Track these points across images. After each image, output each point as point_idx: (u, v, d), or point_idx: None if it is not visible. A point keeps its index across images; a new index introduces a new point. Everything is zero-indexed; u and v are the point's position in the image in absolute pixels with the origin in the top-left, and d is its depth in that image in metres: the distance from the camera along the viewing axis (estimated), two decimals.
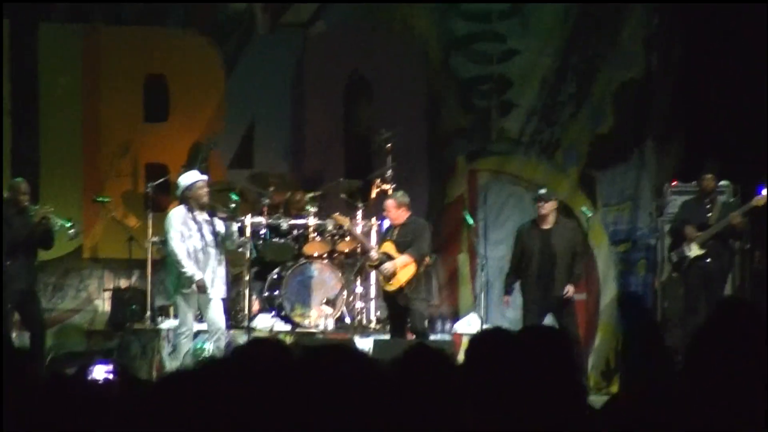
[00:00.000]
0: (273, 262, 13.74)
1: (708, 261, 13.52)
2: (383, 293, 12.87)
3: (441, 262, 14.89)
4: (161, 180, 13.98)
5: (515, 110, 15.41)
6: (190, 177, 12.03)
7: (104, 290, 14.38)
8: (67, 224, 12.42)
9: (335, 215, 13.34)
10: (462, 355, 4.08)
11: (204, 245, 11.85)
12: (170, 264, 12.02)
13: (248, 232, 13.24)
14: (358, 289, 13.90)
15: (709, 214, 13.63)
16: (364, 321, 13.90)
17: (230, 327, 12.56)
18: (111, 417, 3.05)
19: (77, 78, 14.67)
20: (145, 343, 13.03)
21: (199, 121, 14.93)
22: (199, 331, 12.16)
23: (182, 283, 11.82)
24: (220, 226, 11.92)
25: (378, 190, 13.96)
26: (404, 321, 12.64)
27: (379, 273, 12.71)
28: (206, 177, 12.11)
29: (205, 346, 12.06)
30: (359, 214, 13.96)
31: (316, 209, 13.84)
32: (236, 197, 12.86)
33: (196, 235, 11.83)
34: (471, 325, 13.67)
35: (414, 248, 12.54)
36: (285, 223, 13.73)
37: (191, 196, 11.86)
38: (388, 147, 14.11)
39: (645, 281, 15.19)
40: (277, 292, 13.53)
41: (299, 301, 13.52)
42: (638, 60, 15.41)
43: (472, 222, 14.34)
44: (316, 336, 13.24)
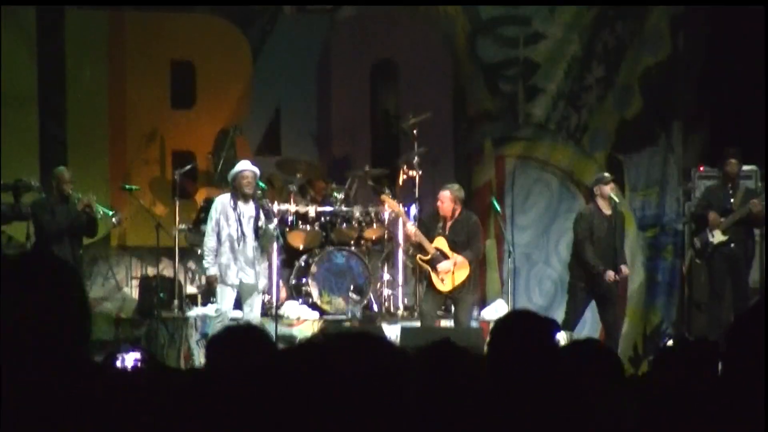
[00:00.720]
0: (300, 250, 13.73)
1: (732, 246, 13.42)
2: (431, 289, 12.60)
3: None
4: (188, 167, 13.94)
5: (541, 95, 15.35)
6: (240, 165, 12.08)
7: (132, 278, 14.39)
8: (110, 213, 12.58)
9: (384, 196, 13.22)
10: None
11: (241, 235, 11.88)
12: None
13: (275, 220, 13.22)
14: (386, 276, 13.87)
15: (732, 199, 13.51)
16: (392, 308, 13.86)
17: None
18: (139, 405, 3.05)
19: (103, 64, 14.61)
20: (173, 331, 13.04)
21: (226, 107, 14.87)
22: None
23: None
24: (262, 220, 11.96)
25: (405, 176, 13.90)
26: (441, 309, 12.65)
27: (432, 270, 12.47)
28: (256, 168, 12.06)
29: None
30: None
31: (342, 196, 13.80)
32: (263, 185, 12.84)
33: (234, 224, 11.87)
34: (498, 311, 13.53)
35: (472, 250, 12.47)
36: (312, 210, 13.69)
37: (235, 184, 11.93)
38: (415, 132, 14.01)
39: (673, 266, 15.17)
40: (304, 280, 13.52)
41: (327, 288, 13.50)
42: (664, 44, 15.35)
43: (499, 208, 14.29)
44: (343, 323, 13.23)
